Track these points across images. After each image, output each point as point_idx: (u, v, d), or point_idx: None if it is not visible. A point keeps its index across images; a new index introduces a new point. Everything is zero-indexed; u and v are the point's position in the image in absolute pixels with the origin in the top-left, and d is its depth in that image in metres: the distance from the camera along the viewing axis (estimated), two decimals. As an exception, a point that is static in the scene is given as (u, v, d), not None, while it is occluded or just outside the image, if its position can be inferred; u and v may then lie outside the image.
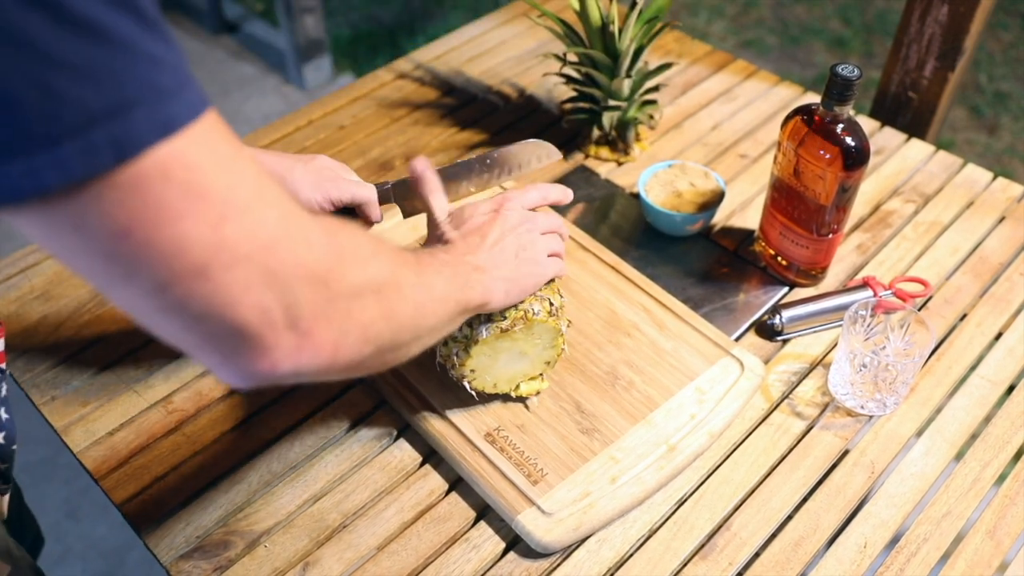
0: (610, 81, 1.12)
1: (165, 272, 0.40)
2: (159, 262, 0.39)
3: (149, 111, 0.38)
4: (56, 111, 0.36)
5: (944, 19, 1.19)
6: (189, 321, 0.42)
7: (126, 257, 0.39)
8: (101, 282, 0.41)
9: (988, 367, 0.95)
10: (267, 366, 0.44)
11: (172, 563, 0.78)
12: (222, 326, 0.42)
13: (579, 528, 0.79)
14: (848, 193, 0.93)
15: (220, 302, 0.41)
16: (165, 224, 0.39)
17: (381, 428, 0.88)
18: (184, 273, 0.40)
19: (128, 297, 0.42)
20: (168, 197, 0.39)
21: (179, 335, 0.43)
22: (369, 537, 0.80)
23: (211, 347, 0.44)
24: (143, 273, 0.40)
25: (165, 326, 0.43)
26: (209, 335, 0.43)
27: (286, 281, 0.44)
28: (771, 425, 0.89)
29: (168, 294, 0.40)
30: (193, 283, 0.40)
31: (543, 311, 0.81)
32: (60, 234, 0.39)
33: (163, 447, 0.87)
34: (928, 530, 0.81)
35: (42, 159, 0.36)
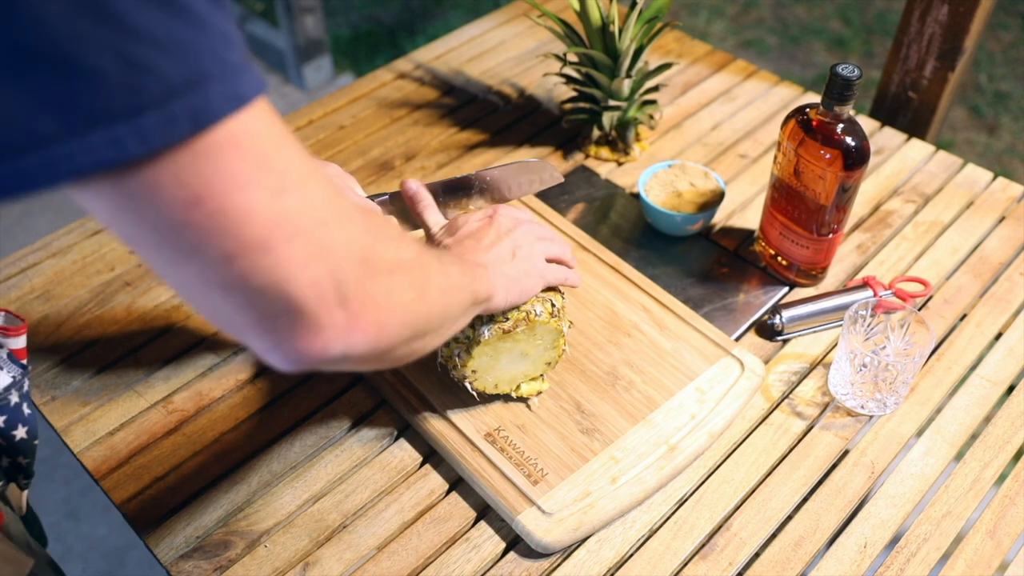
0: (610, 81, 1.12)
1: (231, 243, 0.41)
2: (226, 232, 0.40)
3: (222, 85, 0.39)
4: (138, 82, 0.37)
5: (944, 19, 1.19)
6: (247, 298, 0.42)
7: (196, 227, 0.40)
8: (165, 257, 0.41)
9: (988, 367, 0.95)
10: (319, 346, 0.45)
11: (172, 563, 0.78)
12: (279, 302, 0.43)
13: (579, 528, 0.79)
14: (848, 193, 0.93)
15: (280, 276, 0.42)
16: (234, 192, 0.40)
17: (381, 428, 0.89)
18: (248, 244, 0.41)
19: (188, 275, 0.42)
20: (237, 166, 0.40)
21: (233, 316, 0.44)
22: (369, 537, 0.80)
23: (265, 327, 0.44)
24: (211, 244, 0.40)
25: (221, 305, 0.43)
26: (265, 313, 0.43)
27: (337, 258, 0.45)
28: (771, 425, 0.89)
29: (231, 267, 0.41)
30: (256, 255, 0.41)
31: (545, 312, 0.81)
32: (131, 206, 0.39)
33: (163, 447, 0.87)
34: (928, 530, 0.82)
35: (123, 129, 0.37)
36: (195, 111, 0.38)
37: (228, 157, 0.40)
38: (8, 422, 0.63)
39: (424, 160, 1.20)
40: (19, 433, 0.64)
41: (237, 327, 0.45)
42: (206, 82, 0.39)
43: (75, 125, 0.37)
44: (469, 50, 1.41)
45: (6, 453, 0.64)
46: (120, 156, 0.37)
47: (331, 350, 0.46)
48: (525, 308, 0.80)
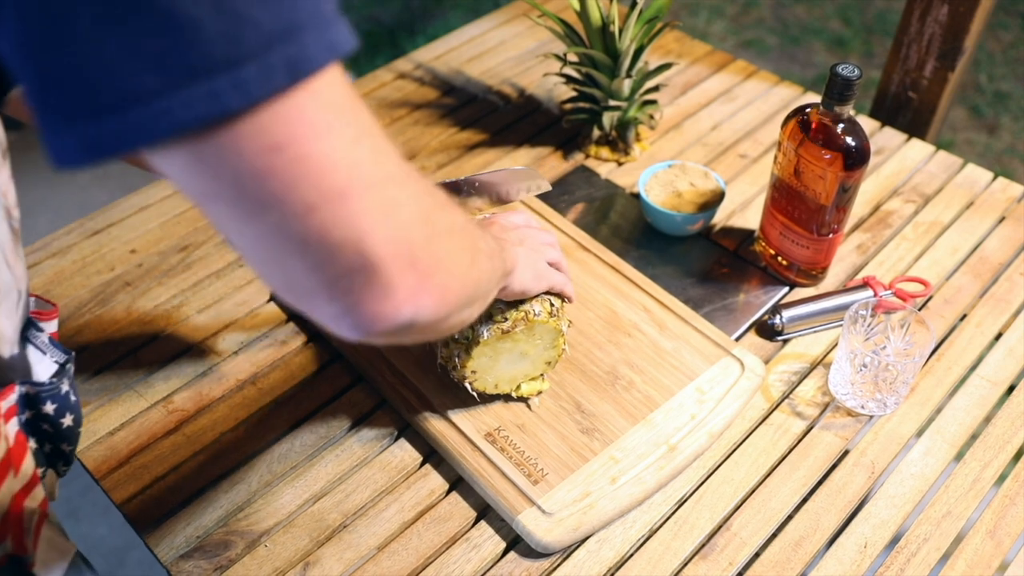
0: (610, 81, 1.12)
1: (312, 192, 0.40)
2: (307, 180, 0.40)
3: (318, 34, 0.39)
4: (237, 33, 0.36)
5: (944, 19, 1.19)
6: (323, 253, 0.41)
7: (278, 175, 0.39)
8: (243, 211, 0.40)
9: (988, 367, 0.95)
10: (390, 309, 0.44)
11: (173, 563, 0.78)
12: (355, 259, 0.42)
13: (579, 528, 0.79)
14: (848, 193, 0.93)
15: (357, 230, 0.41)
16: (316, 139, 0.40)
17: (381, 428, 0.89)
18: (328, 193, 0.40)
19: (264, 231, 0.41)
20: (320, 114, 0.40)
21: (305, 277, 0.42)
22: (369, 537, 0.80)
23: (339, 288, 0.43)
24: (291, 193, 0.40)
25: (293, 265, 0.42)
26: (339, 272, 0.42)
27: (406, 215, 0.44)
28: (771, 425, 0.90)
29: (310, 218, 0.40)
30: (335, 205, 0.41)
31: (544, 312, 0.81)
32: (212, 158, 0.39)
33: (163, 447, 0.87)
34: (928, 530, 0.82)
35: (223, 82, 0.36)
36: (293, 61, 0.38)
37: (312, 105, 0.39)
38: (58, 410, 0.62)
39: (424, 160, 1.20)
40: (66, 421, 0.63)
41: (307, 291, 0.43)
42: (302, 32, 0.38)
43: (174, 79, 0.36)
44: (469, 50, 1.41)
45: (50, 440, 0.64)
46: (220, 110, 0.37)
47: (401, 313, 0.45)
48: (524, 308, 0.80)
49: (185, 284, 1.03)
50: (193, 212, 1.12)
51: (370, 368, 0.91)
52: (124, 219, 1.11)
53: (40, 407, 0.61)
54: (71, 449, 0.65)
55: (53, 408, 0.62)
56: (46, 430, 0.63)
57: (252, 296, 1.02)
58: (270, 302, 1.01)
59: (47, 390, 0.61)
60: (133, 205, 1.13)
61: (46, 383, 0.61)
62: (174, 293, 1.02)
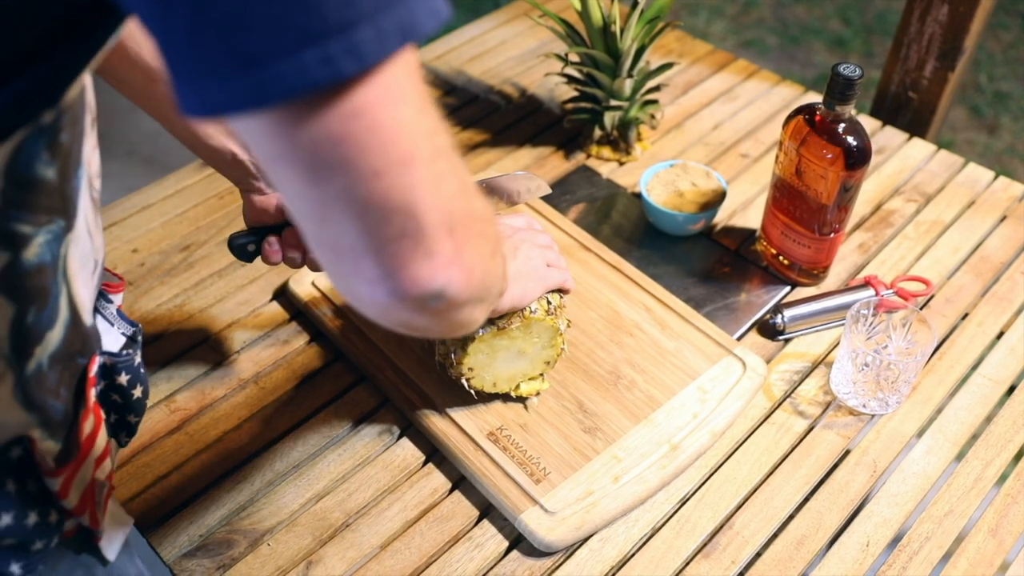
0: (611, 81, 1.12)
1: (381, 158, 0.40)
2: (379, 146, 0.40)
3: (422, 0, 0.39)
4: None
5: (944, 19, 1.19)
6: (381, 217, 0.42)
7: (353, 140, 0.39)
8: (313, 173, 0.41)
9: (990, 366, 0.95)
10: (427, 274, 0.45)
11: (175, 561, 0.78)
12: (408, 223, 0.43)
13: (582, 527, 0.79)
14: (850, 192, 0.94)
15: (414, 196, 0.42)
16: (391, 106, 0.40)
17: (384, 427, 0.89)
18: (394, 160, 0.41)
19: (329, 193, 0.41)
20: (398, 82, 0.40)
21: (358, 239, 0.43)
22: (372, 536, 0.80)
23: (387, 251, 0.44)
24: (363, 158, 0.40)
25: (350, 227, 0.43)
26: (391, 235, 0.43)
27: (451, 187, 0.45)
28: (773, 424, 0.90)
29: (376, 183, 0.41)
30: (399, 172, 0.41)
31: (540, 309, 0.81)
32: (296, 120, 0.39)
33: (166, 446, 0.87)
34: (930, 529, 0.82)
35: (337, 46, 0.36)
36: (403, 25, 0.37)
37: (396, 73, 0.39)
38: (130, 381, 0.62)
39: (426, 160, 1.20)
40: (136, 392, 0.63)
41: (355, 253, 0.44)
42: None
43: (288, 44, 0.36)
44: (470, 50, 1.41)
45: (117, 411, 0.63)
46: (334, 76, 0.36)
47: (437, 280, 0.45)
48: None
49: (187, 283, 1.03)
50: (195, 211, 1.12)
51: (372, 367, 0.91)
52: (126, 218, 1.11)
53: (115, 378, 0.61)
54: (137, 420, 0.65)
55: (127, 379, 0.62)
56: (115, 401, 0.63)
57: (254, 295, 1.02)
58: (272, 301, 1.01)
59: (123, 361, 0.61)
60: (135, 204, 1.13)
61: (122, 354, 0.61)
62: (176, 292, 1.02)
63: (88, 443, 0.58)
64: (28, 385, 0.52)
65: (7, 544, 0.53)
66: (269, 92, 0.37)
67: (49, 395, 0.54)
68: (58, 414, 0.55)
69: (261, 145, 0.41)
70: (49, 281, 0.51)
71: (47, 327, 0.52)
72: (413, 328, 0.51)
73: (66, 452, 0.56)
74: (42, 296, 0.51)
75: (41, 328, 0.52)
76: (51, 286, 0.51)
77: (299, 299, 0.99)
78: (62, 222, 0.51)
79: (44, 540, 0.55)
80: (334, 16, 0.36)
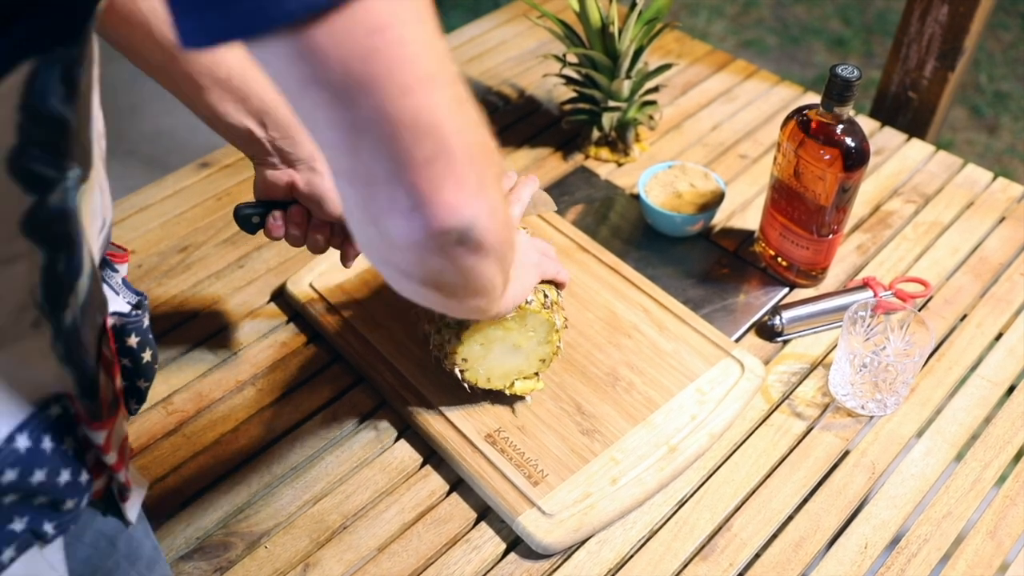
0: (610, 82, 1.12)
1: (409, 75, 0.41)
2: (405, 61, 0.41)
3: None
4: None
5: (944, 19, 1.19)
6: (412, 138, 0.43)
7: (380, 55, 0.40)
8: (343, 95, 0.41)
9: (988, 367, 0.95)
10: (460, 201, 0.45)
11: (172, 564, 0.78)
12: (437, 145, 0.43)
13: (580, 529, 0.79)
14: (848, 194, 0.93)
15: (439, 116, 0.43)
16: (414, 23, 0.41)
17: (382, 429, 0.88)
18: (422, 78, 0.42)
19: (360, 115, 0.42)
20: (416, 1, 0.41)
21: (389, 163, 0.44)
22: (369, 538, 0.80)
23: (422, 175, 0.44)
24: (392, 73, 0.41)
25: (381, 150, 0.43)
26: (424, 158, 0.43)
27: (470, 113, 0.45)
28: (771, 426, 0.89)
29: (405, 101, 0.42)
30: (426, 90, 0.42)
31: (536, 301, 0.81)
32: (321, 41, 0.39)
33: (163, 448, 0.87)
34: (929, 531, 0.81)
35: None
36: None
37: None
38: (140, 344, 0.62)
39: (424, 161, 1.20)
40: (146, 356, 0.63)
41: (389, 181, 0.44)
42: None
43: None
44: (469, 50, 1.41)
45: (126, 376, 0.63)
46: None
47: (466, 209, 0.46)
48: None
49: (185, 285, 1.03)
50: (193, 213, 1.12)
51: (370, 369, 0.91)
52: (124, 219, 1.11)
53: (125, 340, 0.61)
54: (147, 386, 0.65)
55: (136, 341, 0.62)
56: (125, 365, 0.62)
57: (252, 297, 1.02)
58: (270, 303, 1.01)
59: (132, 322, 0.61)
60: (133, 205, 1.13)
61: (131, 314, 0.61)
62: (174, 294, 1.02)
63: (120, 396, 0.59)
64: (67, 338, 0.52)
65: (40, 502, 0.53)
66: (270, 15, 0.37)
67: (82, 351, 0.54)
68: (89, 371, 0.55)
69: (289, 73, 0.41)
70: (74, 229, 0.51)
71: (76, 275, 0.52)
72: (438, 282, 0.51)
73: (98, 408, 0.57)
74: (68, 243, 0.51)
75: (72, 276, 0.52)
76: (76, 235, 0.52)
77: (297, 301, 0.99)
78: (79, 171, 0.51)
79: (75, 499, 0.55)
80: None
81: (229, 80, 0.76)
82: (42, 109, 0.46)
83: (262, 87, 0.77)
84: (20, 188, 0.47)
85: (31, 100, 0.45)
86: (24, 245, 0.48)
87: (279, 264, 1.05)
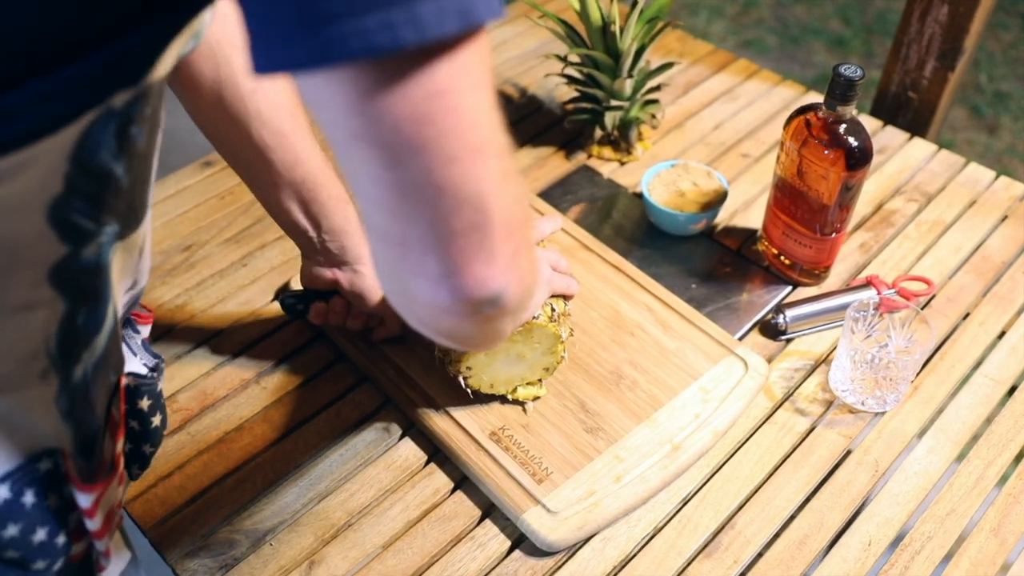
0: (612, 81, 1.12)
1: (458, 144, 0.40)
2: (457, 130, 0.40)
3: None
4: None
5: (944, 19, 1.19)
6: (451, 207, 0.42)
7: (433, 121, 0.40)
8: (390, 154, 0.41)
9: (991, 366, 0.95)
10: (490, 275, 0.45)
11: (178, 562, 0.78)
12: (476, 217, 0.43)
13: (584, 527, 0.79)
14: (851, 192, 0.94)
15: (483, 188, 0.42)
16: (471, 91, 0.40)
17: (385, 427, 0.89)
18: (471, 148, 0.41)
19: (406, 177, 0.41)
20: (476, 68, 0.40)
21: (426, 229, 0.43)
22: (374, 536, 0.80)
23: (454, 245, 0.43)
24: (442, 140, 0.40)
25: (420, 214, 0.42)
26: (460, 228, 0.43)
27: (515, 188, 0.45)
28: (775, 424, 0.90)
29: (451, 170, 0.41)
30: (473, 161, 0.41)
31: (544, 316, 0.81)
32: (377, 94, 0.39)
33: (168, 446, 0.87)
34: (932, 528, 0.82)
35: (400, 14, 0.36)
36: (463, 9, 0.38)
37: (473, 57, 0.40)
38: (151, 408, 0.61)
39: (427, 160, 1.20)
40: (155, 420, 0.62)
41: (423, 246, 0.44)
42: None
43: (355, 6, 0.36)
44: (471, 50, 1.41)
45: (133, 439, 0.63)
46: (393, 43, 0.37)
47: (495, 282, 0.45)
48: None
49: (188, 284, 1.03)
50: (196, 212, 1.12)
51: (374, 368, 0.91)
52: (127, 219, 1.11)
53: (137, 402, 0.60)
54: (152, 451, 0.64)
55: (147, 404, 0.61)
56: (133, 428, 0.62)
57: (256, 296, 1.02)
58: (274, 302, 1.01)
59: (147, 384, 0.60)
60: (136, 205, 1.13)
61: (147, 376, 0.60)
62: (177, 293, 1.02)
63: (119, 461, 0.58)
64: (73, 393, 0.51)
65: (8, 557, 0.52)
66: (330, 53, 0.37)
67: (88, 409, 0.53)
68: (91, 430, 0.54)
69: (341, 123, 0.41)
70: (102, 283, 0.51)
71: (95, 331, 0.52)
72: (456, 337, 0.50)
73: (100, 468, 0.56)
74: (94, 297, 0.50)
75: (90, 332, 0.51)
76: (103, 289, 0.51)
77: (301, 299, 0.99)
78: (119, 226, 0.50)
79: (47, 560, 0.54)
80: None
81: (303, 183, 0.80)
82: (92, 162, 0.46)
83: (327, 195, 0.80)
84: (56, 237, 0.46)
85: (83, 152, 0.45)
86: (48, 293, 0.47)
87: (282, 263, 1.05)
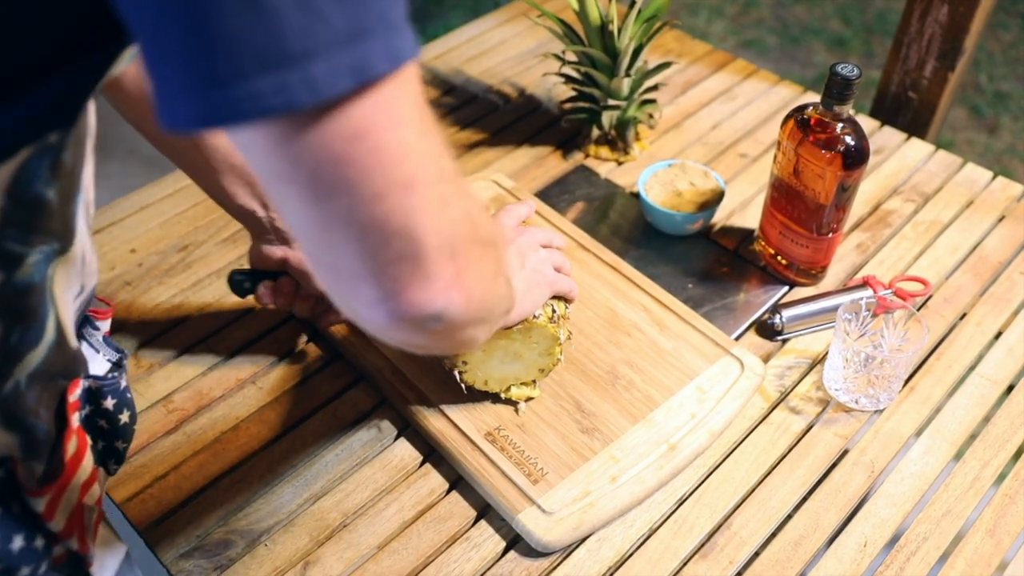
0: (609, 80, 1.12)
1: (382, 181, 0.41)
2: (381, 169, 0.40)
3: (383, 42, 0.39)
4: (311, 27, 0.36)
5: (944, 19, 1.19)
6: (380, 240, 0.42)
7: (355, 162, 0.40)
8: (314, 194, 0.41)
9: (988, 366, 0.95)
10: (426, 298, 0.45)
11: (173, 562, 0.78)
12: (407, 247, 0.43)
13: (579, 527, 0.79)
14: (848, 192, 0.94)
15: (414, 220, 0.42)
16: (394, 129, 0.40)
17: (381, 427, 0.89)
18: (397, 183, 0.41)
19: (330, 215, 0.42)
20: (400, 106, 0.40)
21: (358, 261, 0.43)
22: (369, 536, 0.80)
23: (386, 274, 0.44)
24: (365, 180, 0.40)
25: (350, 249, 0.43)
26: (390, 259, 0.43)
27: (454, 212, 0.45)
28: (771, 424, 0.90)
29: (377, 206, 0.41)
30: (400, 195, 0.42)
31: (544, 316, 0.81)
32: (291, 144, 0.39)
33: (163, 446, 0.87)
34: (928, 529, 0.82)
35: (293, 76, 0.37)
36: (358, 66, 0.38)
37: (394, 96, 0.40)
38: (116, 406, 0.62)
39: (424, 160, 1.20)
40: (123, 417, 0.63)
41: (354, 275, 0.44)
42: (369, 37, 0.38)
43: (245, 69, 0.36)
44: (469, 49, 1.41)
45: (104, 437, 0.63)
46: (287, 104, 0.37)
47: (436, 303, 0.45)
48: None
49: (185, 284, 1.03)
50: (193, 211, 1.12)
51: (370, 367, 0.91)
52: (124, 218, 1.11)
53: (100, 402, 0.61)
54: (125, 447, 0.65)
55: (112, 403, 0.62)
56: (102, 427, 0.62)
57: (252, 296, 1.02)
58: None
59: (108, 384, 0.61)
60: (133, 204, 1.13)
61: (107, 377, 0.61)
62: (174, 292, 1.02)
63: (73, 465, 0.58)
64: (6, 403, 0.52)
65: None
66: (226, 115, 0.37)
67: (29, 414, 0.54)
68: (41, 433, 0.55)
69: (262, 163, 0.41)
70: (37, 302, 0.51)
71: (30, 347, 0.52)
72: (413, 346, 0.51)
73: (49, 473, 0.56)
74: (29, 316, 0.51)
75: (24, 348, 0.52)
76: (39, 307, 0.51)
77: (297, 299, 0.99)
78: (56, 244, 0.51)
79: (31, 565, 0.55)
80: (292, 45, 0.36)
81: (243, 167, 0.82)
82: (26, 193, 0.46)
83: None
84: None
85: (17, 185, 0.45)
86: None
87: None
